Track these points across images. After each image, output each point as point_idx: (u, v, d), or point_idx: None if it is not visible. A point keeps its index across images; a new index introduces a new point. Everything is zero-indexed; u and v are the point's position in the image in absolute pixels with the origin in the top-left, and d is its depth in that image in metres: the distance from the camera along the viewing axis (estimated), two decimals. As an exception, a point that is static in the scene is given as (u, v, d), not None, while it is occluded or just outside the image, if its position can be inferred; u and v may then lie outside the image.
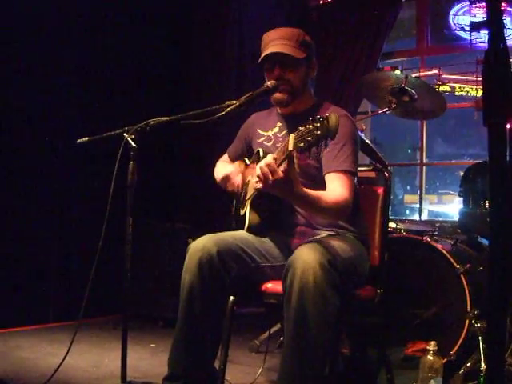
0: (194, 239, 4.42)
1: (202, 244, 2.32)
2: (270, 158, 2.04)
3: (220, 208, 2.97)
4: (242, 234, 2.49)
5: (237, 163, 2.72)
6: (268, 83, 2.43)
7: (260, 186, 2.06)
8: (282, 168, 2.02)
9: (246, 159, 2.76)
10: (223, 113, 2.31)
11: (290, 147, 1.93)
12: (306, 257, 2.08)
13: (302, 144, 1.89)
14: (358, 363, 3.14)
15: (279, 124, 2.63)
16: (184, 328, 2.34)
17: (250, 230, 2.49)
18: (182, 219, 4.63)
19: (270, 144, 2.61)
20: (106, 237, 2.42)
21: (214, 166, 2.85)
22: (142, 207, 2.59)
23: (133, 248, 2.37)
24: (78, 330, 2.47)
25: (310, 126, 1.88)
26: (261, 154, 2.49)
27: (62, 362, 2.59)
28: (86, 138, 2.58)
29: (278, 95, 2.49)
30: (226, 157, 2.90)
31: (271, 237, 2.52)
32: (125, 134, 2.38)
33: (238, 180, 2.60)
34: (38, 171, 4.13)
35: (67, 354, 2.55)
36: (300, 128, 1.92)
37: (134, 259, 2.38)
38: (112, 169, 2.37)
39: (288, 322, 2.11)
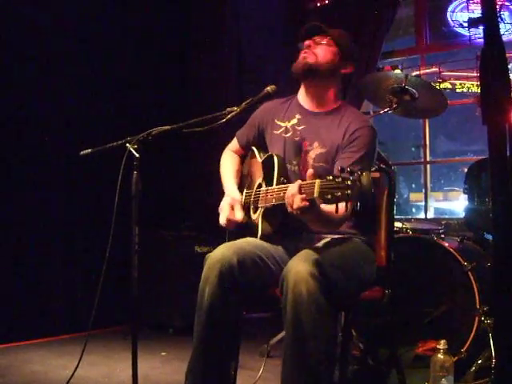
0: (201, 247, 4.45)
1: (221, 254, 2.27)
2: (295, 189, 2.02)
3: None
4: (257, 240, 2.44)
5: (238, 197, 2.56)
6: (268, 88, 2.42)
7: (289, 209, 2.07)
8: (304, 196, 2.00)
9: (256, 150, 2.67)
10: (224, 120, 2.30)
11: (316, 194, 1.90)
12: (298, 268, 2.07)
13: (329, 196, 1.85)
14: (368, 364, 3.13)
15: (298, 116, 2.55)
16: (205, 340, 2.28)
17: (263, 238, 2.44)
18: (189, 227, 4.63)
19: (287, 135, 2.54)
20: (113, 247, 2.42)
21: (219, 172, 2.82)
22: (148, 216, 2.59)
23: (140, 257, 2.37)
24: (87, 342, 2.47)
25: (340, 181, 1.82)
26: (275, 161, 2.43)
27: (73, 374, 2.58)
28: (89, 150, 2.58)
29: (299, 59, 2.48)
30: (235, 143, 2.80)
31: (282, 243, 2.48)
32: (127, 145, 2.38)
33: (238, 215, 2.49)
34: (45, 183, 4.15)
35: (78, 365, 2.55)
36: (329, 177, 1.86)
37: (142, 268, 2.38)
38: (116, 179, 2.38)
39: (285, 334, 2.11)
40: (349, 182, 1.81)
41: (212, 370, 2.29)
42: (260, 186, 2.53)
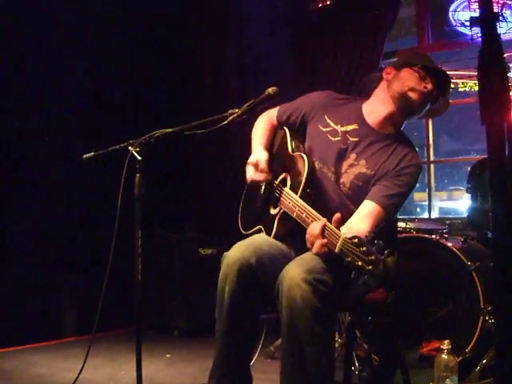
0: (205, 250, 4.45)
1: (240, 253, 2.25)
2: (317, 231, 2.01)
3: (230, 217, 2.95)
4: (270, 238, 2.41)
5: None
6: (269, 90, 2.39)
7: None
8: (325, 242, 2.00)
9: (288, 134, 2.55)
10: (226, 122, 2.30)
11: (336, 250, 1.90)
12: (292, 274, 2.07)
13: (348, 259, 1.83)
14: (373, 364, 3.13)
15: (355, 126, 2.45)
16: (229, 340, 2.27)
17: (276, 238, 2.42)
18: (192, 229, 4.64)
19: (334, 139, 2.44)
20: (117, 249, 2.43)
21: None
22: (151, 218, 2.59)
23: (144, 259, 2.37)
24: (92, 344, 2.48)
25: (364, 251, 1.79)
26: (305, 168, 2.33)
27: (77, 377, 2.60)
28: (92, 153, 2.59)
29: (416, 95, 2.35)
30: (273, 114, 2.67)
31: (294, 244, 2.44)
32: (130, 148, 2.39)
33: (263, 175, 2.43)
34: (48, 187, 4.17)
35: (82, 368, 2.56)
36: (354, 240, 1.83)
37: (146, 271, 2.38)
38: (119, 182, 2.38)
39: (282, 339, 2.13)
40: (373, 258, 1.78)
41: (237, 368, 2.31)
42: (284, 182, 2.45)
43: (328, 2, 5.30)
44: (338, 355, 3.12)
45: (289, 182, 2.42)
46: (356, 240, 1.83)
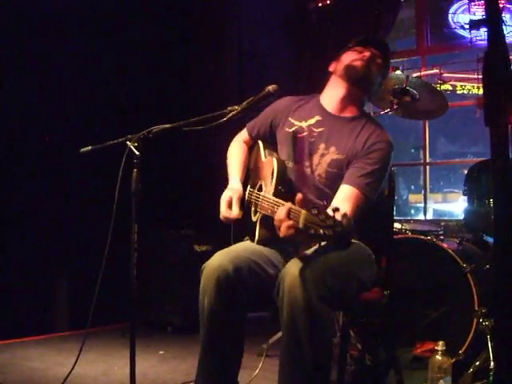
0: (200, 246, 4.45)
1: (217, 262, 2.26)
2: (283, 214, 1.97)
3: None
4: (253, 245, 2.43)
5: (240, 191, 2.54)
6: (269, 87, 2.39)
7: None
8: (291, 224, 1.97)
9: (261, 146, 2.62)
10: (225, 118, 2.29)
11: (300, 226, 1.89)
12: (294, 272, 2.06)
13: (312, 231, 1.83)
14: (367, 365, 3.14)
15: (318, 117, 2.50)
16: (211, 350, 2.28)
17: (260, 243, 2.43)
18: (188, 225, 4.63)
19: (302, 135, 2.49)
20: (112, 244, 2.42)
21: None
22: (147, 214, 2.58)
23: (139, 255, 2.37)
24: (86, 339, 2.48)
25: (323, 219, 1.80)
26: (275, 168, 2.38)
27: (70, 372, 2.59)
28: (90, 148, 2.58)
29: (357, 62, 2.45)
30: (244, 134, 2.75)
31: (279, 246, 2.46)
32: (128, 142, 2.38)
33: (233, 212, 2.44)
34: (45, 180, 4.16)
35: (76, 363, 2.56)
36: (314, 211, 1.84)
37: (141, 266, 2.38)
38: (116, 177, 2.38)
39: (282, 337, 2.13)
40: (331, 222, 1.79)
41: (219, 377, 2.30)
42: (261, 188, 2.51)
43: (328, 2, 5.30)
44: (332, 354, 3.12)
45: (263, 187, 2.47)
46: (315, 210, 1.84)
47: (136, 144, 2.35)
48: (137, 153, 2.35)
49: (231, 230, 2.67)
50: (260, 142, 2.66)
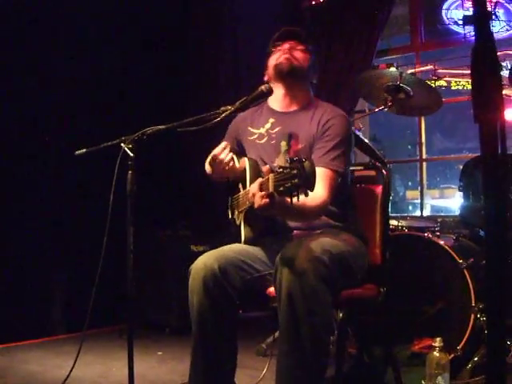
0: (197, 247, 4.45)
1: (203, 262, 2.29)
2: (255, 188, 2.07)
3: (222, 214, 2.95)
4: (240, 245, 2.47)
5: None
6: (263, 87, 2.41)
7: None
8: (263, 194, 2.04)
9: (235, 157, 2.62)
10: (219, 118, 2.30)
11: (271, 189, 1.95)
12: (291, 254, 2.10)
13: (281, 189, 1.90)
14: (364, 362, 3.14)
15: (271, 120, 2.61)
16: (201, 350, 2.30)
17: (247, 242, 2.46)
18: (184, 226, 4.63)
19: (263, 141, 2.59)
20: (109, 247, 2.42)
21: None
22: (144, 215, 2.59)
23: (136, 256, 2.37)
24: (84, 341, 2.47)
25: (288, 171, 1.88)
26: (246, 165, 2.48)
27: (69, 374, 2.59)
28: (84, 150, 2.57)
29: (281, 59, 2.54)
30: None
31: (269, 244, 2.48)
32: (122, 144, 2.38)
33: (225, 157, 2.44)
34: (40, 183, 4.15)
35: (74, 365, 2.55)
36: (279, 170, 1.91)
37: (138, 268, 2.38)
38: (111, 179, 2.37)
39: (280, 321, 2.11)
40: (295, 171, 1.86)
41: (213, 377, 2.30)
42: (239, 191, 2.56)
43: (321, 0, 5.30)
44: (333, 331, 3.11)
45: (241, 189, 2.53)
46: (280, 169, 1.91)
47: (130, 146, 2.34)
48: (131, 154, 2.35)
49: (227, 231, 2.69)
50: (234, 156, 2.68)
